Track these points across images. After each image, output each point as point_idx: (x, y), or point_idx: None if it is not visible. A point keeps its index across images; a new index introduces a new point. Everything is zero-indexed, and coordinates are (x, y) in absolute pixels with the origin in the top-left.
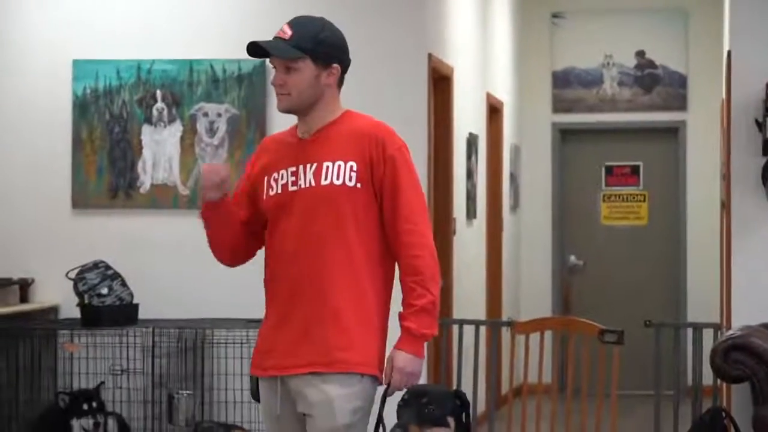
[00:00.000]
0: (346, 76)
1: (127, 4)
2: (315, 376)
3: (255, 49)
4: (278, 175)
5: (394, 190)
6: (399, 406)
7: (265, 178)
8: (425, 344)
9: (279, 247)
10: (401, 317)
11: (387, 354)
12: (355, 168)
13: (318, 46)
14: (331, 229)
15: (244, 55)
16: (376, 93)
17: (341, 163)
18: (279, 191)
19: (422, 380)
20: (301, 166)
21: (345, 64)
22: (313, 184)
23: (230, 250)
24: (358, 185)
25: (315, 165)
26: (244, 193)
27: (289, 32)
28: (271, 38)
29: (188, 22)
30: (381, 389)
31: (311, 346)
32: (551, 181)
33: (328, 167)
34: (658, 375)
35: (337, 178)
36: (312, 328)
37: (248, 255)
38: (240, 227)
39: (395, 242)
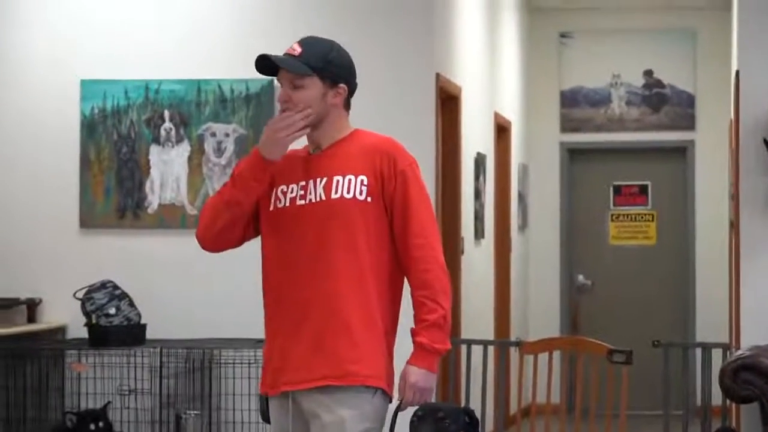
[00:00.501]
0: (354, 94)
1: (134, 24)
2: (326, 396)
3: (263, 66)
4: (287, 189)
5: (405, 205)
6: (413, 422)
7: (273, 190)
8: (438, 360)
9: (287, 260)
10: (413, 332)
11: (392, 368)
12: (365, 182)
13: (327, 65)
14: (342, 242)
15: (252, 75)
16: (383, 112)
17: (352, 176)
18: (287, 204)
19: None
20: (311, 181)
21: (352, 86)
22: (323, 197)
23: (225, 232)
24: (369, 199)
25: (325, 179)
26: None
27: (298, 49)
28: (275, 54)
29: (196, 41)
30: (391, 405)
31: (323, 359)
32: (559, 201)
33: (338, 181)
34: (667, 395)
35: (348, 192)
36: (323, 341)
37: (228, 243)
38: (250, 211)
39: (405, 257)
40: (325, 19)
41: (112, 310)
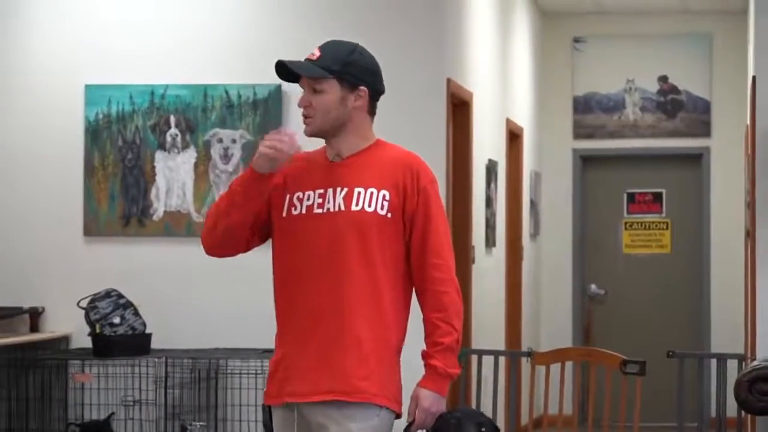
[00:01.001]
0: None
1: (140, 29)
2: (333, 409)
3: (282, 71)
4: (303, 195)
5: (426, 223)
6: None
7: (288, 196)
8: (449, 383)
9: (301, 268)
10: (426, 355)
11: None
12: (387, 197)
13: (345, 68)
14: (358, 256)
15: (260, 80)
16: (394, 118)
17: (374, 190)
18: (303, 212)
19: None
20: (330, 189)
21: (375, 88)
22: (342, 208)
23: (228, 239)
24: (389, 215)
25: (346, 189)
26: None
27: (317, 54)
28: (292, 60)
29: (202, 46)
30: (398, 422)
31: (331, 374)
32: (572, 209)
33: (360, 193)
34: (681, 406)
35: (369, 206)
36: (332, 355)
37: (230, 250)
38: (251, 219)
39: (421, 276)
40: (335, 25)
41: (117, 320)
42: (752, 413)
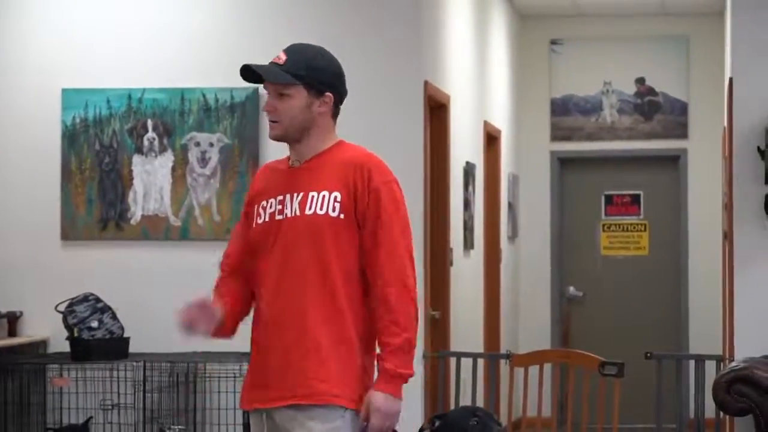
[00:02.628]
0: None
1: (117, 33)
2: (298, 411)
3: (248, 73)
4: (267, 204)
5: (376, 223)
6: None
7: (256, 207)
8: (402, 384)
9: (263, 276)
10: (378, 358)
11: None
12: (339, 198)
13: (311, 73)
14: (313, 260)
15: (237, 84)
16: (371, 121)
17: (326, 192)
18: (266, 219)
19: (417, 416)
20: (288, 195)
21: (340, 93)
22: (298, 213)
23: (234, 327)
24: (341, 216)
25: (301, 194)
26: (243, 235)
27: (283, 57)
28: (258, 64)
29: (179, 50)
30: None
31: (292, 379)
32: (550, 211)
33: (313, 197)
34: (659, 408)
35: (321, 208)
36: (292, 360)
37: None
38: (243, 300)
39: (372, 277)
40: (312, 28)
41: (95, 324)
42: (730, 414)
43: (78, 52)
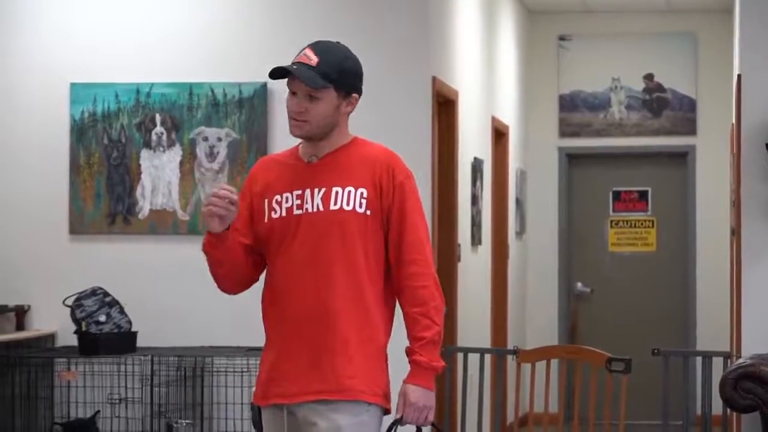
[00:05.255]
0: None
1: (125, 27)
2: (323, 405)
3: (276, 71)
4: (281, 198)
5: (402, 218)
6: None
7: (266, 200)
8: (434, 377)
9: (284, 272)
10: (410, 351)
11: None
12: (365, 195)
13: (342, 76)
14: (340, 255)
15: (245, 79)
16: (379, 117)
17: (351, 188)
18: (283, 214)
19: None
20: (308, 190)
21: (361, 92)
22: (321, 208)
23: (234, 282)
24: (368, 212)
25: (324, 189)
26: (245, 215)
27: (314, 58)
28: (278, 61)
29: (188, 44)
30: (386, 419)
31: (319, 374)
32: (558, 207)
33: (337, 192)
34: (666, 404)
35: (347, 204)
36: (320, 356)
37: (252, 282)
38: (244, 258)
39: (399, 271)
40: (321, 23)
41: (103, 318)
42: (737, 411)
43: (87, 47)
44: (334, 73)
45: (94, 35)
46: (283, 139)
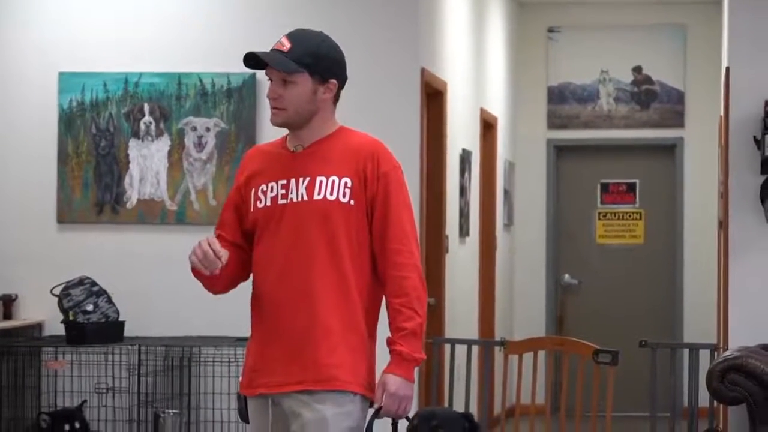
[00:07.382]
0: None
1: (114, 17)
2: (307, 395)
3: (251, 59)
4: (267, 187)
5: (386, 208)
6: (408, 431)
7: (252, 190)
8: (414, 368)
9: (267, 261)
10: (390, 341)
11: (374, 371)
12: (349, 184)
13: (317, 61)
14: (323, 245)
15: (234, 69)
16: (368, 107)
17: (335, 178)
18: (268, 203)
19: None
20: (292, 180)
21: (342, 80)
22: (305, 198)
23: (222, 287)
24: (352, 202)
25: (308, 179)
26: (235, 206)
27: (288, 45)
28: (263, 51)
29: (177, 34)
30: (370, 411)
31: (302, 364)
32: (546, 199)
33: (321, 182)
34: (653, 396)
35: (331, 194)
36: (303, 345)
37: (240, 281)
38: (232, 267)
39: (383, 261)
40: (309, 14)
41: (90, 307)
42: (724, 403)
43: (75, 36)
44: (307, 58)
45: (83, 24)
46: (271, 130)
